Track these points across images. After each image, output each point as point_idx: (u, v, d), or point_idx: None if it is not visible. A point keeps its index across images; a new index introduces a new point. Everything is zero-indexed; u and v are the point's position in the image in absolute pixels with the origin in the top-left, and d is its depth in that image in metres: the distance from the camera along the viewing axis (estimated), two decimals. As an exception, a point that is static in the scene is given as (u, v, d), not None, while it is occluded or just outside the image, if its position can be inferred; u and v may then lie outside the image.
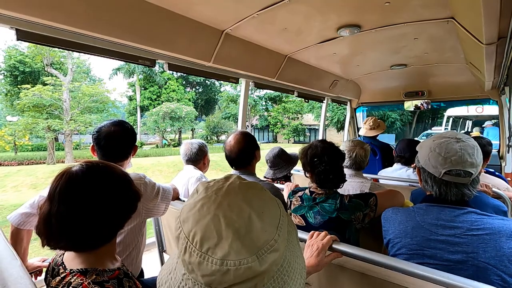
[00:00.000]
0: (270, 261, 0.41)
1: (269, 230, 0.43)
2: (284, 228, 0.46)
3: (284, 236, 0.45)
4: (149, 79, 26.13)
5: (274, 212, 0.46)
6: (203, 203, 0.45)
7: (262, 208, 0.45)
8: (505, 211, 1.28)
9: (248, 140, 1.56)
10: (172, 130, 23.73)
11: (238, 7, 1.54)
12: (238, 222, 0.42)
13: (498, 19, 1.05)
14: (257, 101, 28.33)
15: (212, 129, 27.12)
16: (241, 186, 0.48)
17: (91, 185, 0.74)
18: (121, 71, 26.00)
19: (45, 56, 16.18)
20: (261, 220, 0.43)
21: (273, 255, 0.42)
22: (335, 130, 23.80)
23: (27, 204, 1.24)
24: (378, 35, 1.98)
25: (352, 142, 1.85)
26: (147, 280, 1.51)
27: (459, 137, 0.93)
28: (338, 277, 0.97)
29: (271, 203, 0.47)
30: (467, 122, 10.63)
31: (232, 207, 0.44)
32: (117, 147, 1.31)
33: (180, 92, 27.05)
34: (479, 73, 2.33)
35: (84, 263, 0.74)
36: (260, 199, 0.47)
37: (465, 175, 0.89)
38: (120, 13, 1.33)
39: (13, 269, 0.70)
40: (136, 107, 26.20)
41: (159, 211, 1.43)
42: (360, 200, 1.26)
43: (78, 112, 15.42)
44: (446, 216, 0.91)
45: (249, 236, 0.41)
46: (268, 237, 0.42)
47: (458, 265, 0.85)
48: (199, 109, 32.18)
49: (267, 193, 0.49)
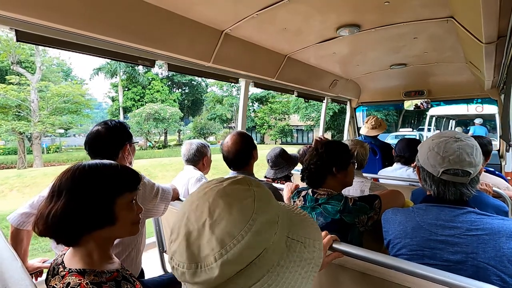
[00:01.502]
0: (206, 277, 0.40)
1: (214, 245, 0.40)
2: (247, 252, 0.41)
3: (240, 261, 0.40)
4: (132, 79, 25.39)
5: (231, 230, 0.41)
6: (188, 199, 0.48)
7: (221, 219, 0.41)
8: (506, 211, 1.27)
9: (246, 140, 1.56)
10: (157, 131, 23.17)
11: (238, 7, 1.54)
12: (193, 225, 0.42)
13: (497, 18, 1.05)
14: None
15: (199, 130, 26.59)
16: (219, 191, 0.45)
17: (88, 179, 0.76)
18: (102, 71, 25.03)
19: (10, 53, 14.54)
20: (211, 232, 0.41)
21: (212, 272, 0.39)
22: (325, 131, 23.60)
23: (26, 204, 1.24)
24: (378, 34, 1.98)
25: (353, 141, 1.86)
26: (148, 280, 1.51)
27: (458, 136, 0.93)
28: (339, 276, 0.97)
29: (237, 220, 0.41)
30: (450, 122, 10.54)
31: (197, 209, 0.44)
32: (103, 147, 1.32)
33: (164, 93, 26.31)
34: (478, 72, 2.33)
35: (81, 263, 0.74)
36: (224, 211, 0.42)
37: (463, 174, 0.89)
38: (120, 14, 1.33)
39: (14, 271, 0.70)
40: (118, 108, 25.32)
41: (158, 211, 1.43)
42: (365, 203, 1.24)
43: (47, 113, 14.48)
44: (446, 216, 0.91)
45: (197, 243, 0.41)
46: (209, 252, 0.40)
47: (458, 265, 0.84)
48: (186, 110, 31.48)
49: (242, 206, 0.43)
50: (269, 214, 0.44)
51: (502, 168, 3.34)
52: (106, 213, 0.76)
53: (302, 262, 0.45)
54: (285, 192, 1.69)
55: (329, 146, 1.36)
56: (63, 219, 0.72)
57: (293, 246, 0.46)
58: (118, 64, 24.10)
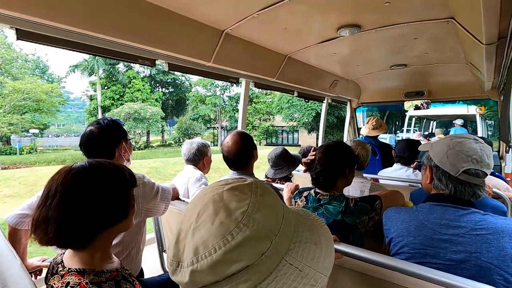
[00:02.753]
0: (180, 279, 0.40)
1: (189, 251, 0.40)
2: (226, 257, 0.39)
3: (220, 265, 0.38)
4: (112, 77, 24.25)
5: (206, 240, 0.39)
6: (196, 195, 0.49)
7: (203, 226, 0.40)
8: (505, 211, 1.28)
9: (246, 140, 1.55)
10: (137, 132, 21.86)
11: (238, 7, 1.54)
12: (185, 224, 0.43)
13: (498, 19, 1.05)
14: (227, 101, 26.81)
15: (184, 130, 25.99)
16: (218, 194, 0.44)
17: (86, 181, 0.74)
18: (79, 68, 23.96)
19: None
20: (192, 236, 0.40)
21: (184, 276, 0.39)
22: (308, 132, 22.55)
23: (24, 205, 1.24)
24: (378, 35, 1.98)
25: (354, 142, 1.86)
26: (147, 280, 1.51)
27: (477, 138, 0.96)
28: (338, 277, 0.97)
29: (216, 231, 0.39)
30: (431, 123, 10.32)
31: (192, 209, 0.44)
32: (97, 147, 1.31)
33: (146, 92, 25.25)
34: (479, 73, 2.33)
35: (81, 263, 0.74)
36: (209, 218, 0.41)
37: (482, 175, 0.91)
38: (120, 13, 1.33)
39: (13, 269, 0.70)
40: (97, 107, 24.02)
41: (158, 210, 1.43)
42: (366, 204, 1.25)
43: (1, 111, 13.33)
44: (450, 216, 0.91)
45: (183, 243, 0.41)
46: (186, 256, 0.40)
47: (461, 264, 0.85)
48: (170, 110, 30.47)
49: (228, 217, 0.41)
50: (259, 231, 0.40)
51: (502, 169, 3.35)
52: (123, 207, 0.79)
53: None
54: (285, 193, 1.69)
55: (339, 148, 1.36)
56: (76, 224, 0.70)
57: (285, 270, 0.41)
58: (96, 61, 23.17)
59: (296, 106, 21.35)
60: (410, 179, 2.14)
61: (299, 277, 0.41)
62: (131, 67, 25.95)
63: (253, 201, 0.42)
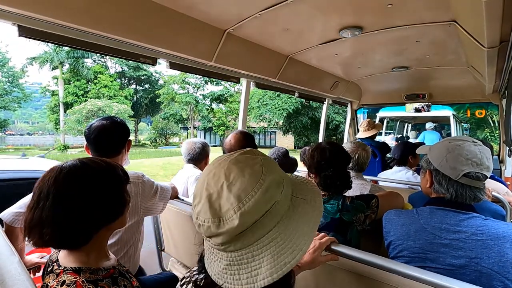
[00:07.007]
0: (228, 227, 0.48)
1: (232, 201, 0.48)
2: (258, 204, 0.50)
3: (258, 210, 0.49)
4: (76, 72, 22.53)
5: (245, 187, 0.49)
6: (206, 170, 0.57)
7: (236, 180, 0.50)
8: (503, 215, 1.27)
9: (249, 139, 1.58)
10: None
11: (241, 6, 1.54)
12: (213, 188, 0.51)
13: (500, 23, 1.05)
14: (199, 100, 25.16)
15: (160, 130, 24.61)
16: (232, 160, 0.54)
17: (79, 180, 0.72)
18: (37, 61, 22.18)
19: None
20: (229, 191, 0.49)
21: (233, 222, 0.48)
22: (284, 133, 20.97)
23: (21, 203, 1.23)
24: (380, 37, 1.98)
25: (354, 143, 1.86)
26: (146, 278, 1.51)
27: (475, 140, 0.95)
28: (336, 279, 0.97)
29: (249, 180, 0.50)
30: (405, 125, 9.72)
31: (215, 176, 0.52)
32: (107, 141, 1.29)
33: (114, 88, 23.43)
34: (480, 76, 2.32)
35: (77, 261, 0.73)
36: (238, 174, 0.51)
37: (482, 178, 0.90)
38: (122, 11, 1.33)
39: (11, 265, 0.70)
40: (58, 104, 22.55)
41: (157, 209, 1.43)
42: (362, 202, 1.26)
43: None
44: (451, 220, 0.90)
45: (218, 202, 0.49)
46: (229, 207, 0.48)
47: (461, 269, 0.84)
48: (144, 108, 28.77)
49: (253, 170, 0.52)
50: (275, 176, 0.53)
51: (502, 173, 3.34)
52: (119, 204, 0.78)
53: (305, 217, 0.55)
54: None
55: (338, 149, 1.38)
56: (73, 224, 0.69)
57: (297, 203, 0.55)
58: (56, 54, 21.57)
59: (266, 106, 19.69)
60: (409, 181, 2.14)
61: (306, 204, 0.57)
62: (99, 62, 23.97)
63: (262, 158, 0.55)
